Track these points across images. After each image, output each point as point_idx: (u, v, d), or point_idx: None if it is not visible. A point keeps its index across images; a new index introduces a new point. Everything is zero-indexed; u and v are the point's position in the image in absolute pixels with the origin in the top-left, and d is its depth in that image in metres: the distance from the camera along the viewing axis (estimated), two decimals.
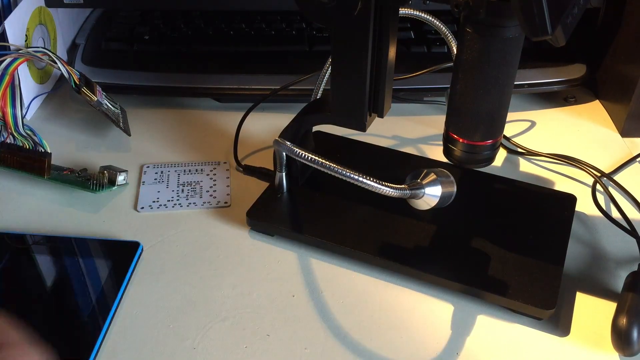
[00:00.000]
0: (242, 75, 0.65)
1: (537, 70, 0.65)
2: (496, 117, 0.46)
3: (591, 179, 0.56)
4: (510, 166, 0.58)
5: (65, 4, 0.66)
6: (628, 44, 0.62)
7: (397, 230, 0.48)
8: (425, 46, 0.68)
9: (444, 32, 0.53)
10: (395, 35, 0.45)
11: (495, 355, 0.41)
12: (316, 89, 0.55)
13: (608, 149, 0.60)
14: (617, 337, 0.41)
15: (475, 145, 0.47)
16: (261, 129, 0.62)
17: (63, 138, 0.61)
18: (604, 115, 0.65)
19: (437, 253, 0.46)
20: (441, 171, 0.45)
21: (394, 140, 0.61)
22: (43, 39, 0.66)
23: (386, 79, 0.46)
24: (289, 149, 0.45)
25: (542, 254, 0.45)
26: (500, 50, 0.42)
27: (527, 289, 0.43)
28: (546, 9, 0.33)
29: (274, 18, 0.72)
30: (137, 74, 0.66)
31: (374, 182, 0.41)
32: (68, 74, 0.55)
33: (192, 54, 0.69)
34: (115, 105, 0.61)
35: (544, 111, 0.66)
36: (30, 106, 0.63)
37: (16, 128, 0.54)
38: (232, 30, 0.71)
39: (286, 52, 0.69)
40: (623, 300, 0.42)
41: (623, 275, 0.45)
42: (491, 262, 0.45)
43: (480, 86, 0.43)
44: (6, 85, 0.53)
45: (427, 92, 0.65)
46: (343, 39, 0.44)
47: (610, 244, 0.49)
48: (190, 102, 0.67)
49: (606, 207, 0.53)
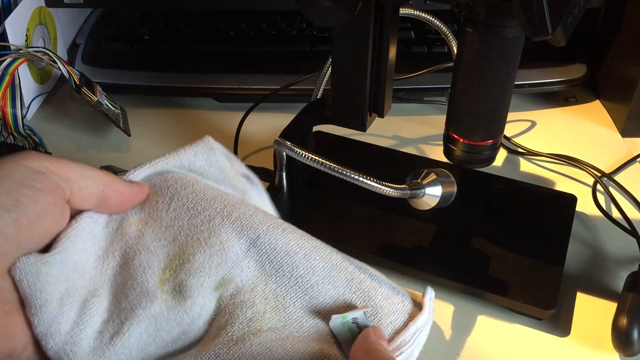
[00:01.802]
0: (243, 75, 0.65)
1: (537, 70, 0.65)
2: (496, 117, 0.46)
3: (591, 179, 0.56)
4: (510, 166, 0.58)
5: (66, 3, 0.66)
6: (628, 44, 0.62)
7: (398, 230, 0.48)
8: (426, 46, 0.68)
9: (445, 32, 0.53)
10: (396, 35, 0.45)
11: (495, 355, 0.41)
12: (316, 89, 0.55)
13: (608, 149, 0.60)
14: (618, 337, 0.41)
15: (475, 145, 0.47)
16: (261, 129, 0.62)
17: (63, 138, 0.61)
18: (605, 115, 0.65)
19: (437, 253, 0.46)
20: (441, 171, 0.45)
21: (394, 140, 0.61)
22: (43, 39, 0.66)
23: (386, 79, 0.46)
24: (289, 149, 0.45)
25: (543, 254, 0.45)
26: (501, 50, 0.42)
27: (527, 289, 0.43)
28: (546, 9, 0.33)
29: (275, 18, 0.72)
30: (137, 74, 0.66)
31: (374, 182, 0.41)
32: (68, 73, 0.55)
33: (193, 54, 0.69)
34: (116, 105, 0.61)
35: (544, 111, 0.66)
36: (30, 106, 0.63)
37: (16, 128, 0.54)
38: (232, 30, 0.71)
39: (286, 52, 0.69)
40: (623, 300, 0.42)
41: (623, 275, 0.45)
42: (491, 262, 0.45)
43: (480, 86, 0.43)
44: (6, 85, 0.53)
45: (427, 92, 0.65)
46: (343, 39, 0.44)
47: (611, 244, 0.49)
48: (190, 102, 0.67)
49: (606, 207, 0.53)
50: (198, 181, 0.38)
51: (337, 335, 0.34)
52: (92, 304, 0.33)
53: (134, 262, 0.35)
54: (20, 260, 0.31)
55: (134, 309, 0.33)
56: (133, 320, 0.33)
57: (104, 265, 0.35)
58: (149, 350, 0.34)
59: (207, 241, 0.36)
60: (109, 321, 0.33)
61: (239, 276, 0.36)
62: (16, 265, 0.30)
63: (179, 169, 0.39)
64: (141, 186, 0.37)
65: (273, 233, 0.37)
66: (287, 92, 0.61)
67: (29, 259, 0.31)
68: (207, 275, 0.35)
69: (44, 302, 0.31)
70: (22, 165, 0.31)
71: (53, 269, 0.32)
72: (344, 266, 0.37)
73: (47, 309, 0.31)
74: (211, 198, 0.37)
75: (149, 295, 0.34)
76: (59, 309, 0.32)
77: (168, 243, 0.36)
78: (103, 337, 0.33)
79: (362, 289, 0.37)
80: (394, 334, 0.35)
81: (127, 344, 0.33)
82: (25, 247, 0.31)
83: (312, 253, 0.37)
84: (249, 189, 0.41)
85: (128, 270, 0.35)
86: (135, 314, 0.33)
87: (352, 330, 0.34)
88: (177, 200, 0.37)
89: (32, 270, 0.31)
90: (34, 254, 0.31)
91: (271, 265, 0.36)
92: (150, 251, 0.36)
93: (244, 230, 0.36)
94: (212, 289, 0.35)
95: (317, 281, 0.36)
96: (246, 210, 0.37)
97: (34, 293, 0.31)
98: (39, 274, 0.31)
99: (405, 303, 0.37)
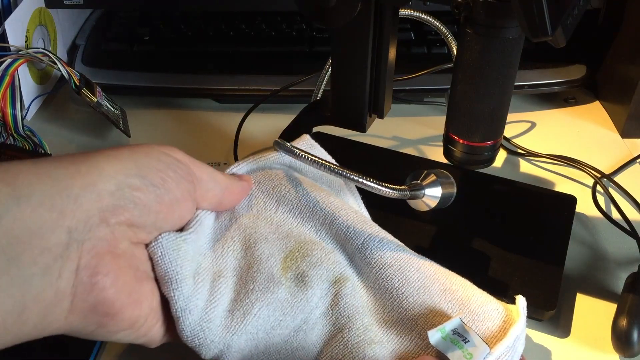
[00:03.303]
0: (242, 76, 0.65)
1: (537, 71, 0.65)
2: (496, 118, 0.46)
3: (591, 180, 0.55)
4: (510, 167, 0.58)
5: (66, 4, 0.66)
6: (628, 45, 0.62)
7: (397, 231, 0.48)
8: (426, 47, 0.68)
9: (444, 33, 0.53)
10: (396, 36, 0.45)
11: None
12: (316, 89, 0.55)
13: (608, 150, 0.60)
14: (618, 338, 0.41)
15: (475, 146, 0.47)
16: (261, 129, 0.62)
17: (63, 139, 0.61)
18: (604, 116, 0.65)
19: (437, 254, 0.46)
20: (441, 172, 0.45)
21: (394, 141, 0.61)
22: (43, 40, 0.66)
23: (386, 80, 0.46)
24: (289, 150, 0.45)
25: (543, 255, 0.45)
26: (501, 51, 0.42)
27: (527, 290, 0.43)
28: (546, 10, 0.33)
29: (274, 19, 0.72)
30: (137, 75, 0.66)
31: (374, 183, 0.41)
32: (68, 74, 0.55)
33: (192, 55, 0.69)
34: (115, 106, 0.61)
35: (544, 112, 0.66)
36: (30, 107, 0.63)
37: (16, 129, 0.54)
38: (232, 31, 0.71)
39: (286, 53, 0.69)
40: (623, 301, 0.42)
41: (623, 276, 0.45)
42: (491, 263, 0.45)
43: (480, 87, 0.43)
44: (6, 86, 0.53)
45: (427, 93, 0.65)
46: (343, 40, 0.44)
47: (611, 245, 0.49)
48: (190, 103, 0.67)
49: (606, 208, 0.53)
50: (299, 183, 0.40)
51: (442, 350, 0.34)
52: (220, 284, 0.34)
53: (257, 249, 0.36)
54: (162, 236, 0.32)
55: (263, 291, 0.34)
56: (263, 302, 0.34)
57: (224, 249, 0.36)
58: (274, 334, 0.35)
59: (319, 245, 0.38)
60: (237, 300, 0.34)
61: (352, 277, 0.37)
62: (158, 241, 0.32)
63: (280, 165, 0.41)
64: (248, 182, 0.39)
65: (369, 247, 0.38)
66: (287, 93, 0.61)
67: (170, 236, 0.32)
68: (325, 269, 0.36)
69: (184, 278, 0.32)
70: (165, 153, 0.33)
71: (189, 247, 0.33)
72: (437, 277, 0.38)
73: (186, 285, 0.32)
74: (314, 205, 0.39)
75: (274, 280, 0.35)
76: (194, 286, 0.33)
77: (283, 237, 0.37)
78: (234, 315, 0.34)
79: (457, 298, 0.36)
80: (493, 341, 0.34)
81: (256, 324, 0.34)
82: (159, 228, 0.33)
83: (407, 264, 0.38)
84: (343, 187, 0.43)
85: (252, 255, 0.36)
86: (264, 296, 0.34)
87: (455, 341, 0.34)
88: (284, 205, 0.39)
89: (173, 246, 0.32)
90: (173, 232, 0.33)
91: (368, 278, 0.38)
92: (270, 241, 0.37)
93: (345, 243, 0.38)
94: (329, 283, 0.36)
95: (412, 293, 0.37)
96: (345, 220, 0.39)
97: (175, 268, 0.32)
98: (179, 250, 0.32)
99: (499, 310, 0.36)
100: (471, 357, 0.33)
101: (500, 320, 0.36)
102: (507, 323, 0.35)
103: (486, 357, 0.33)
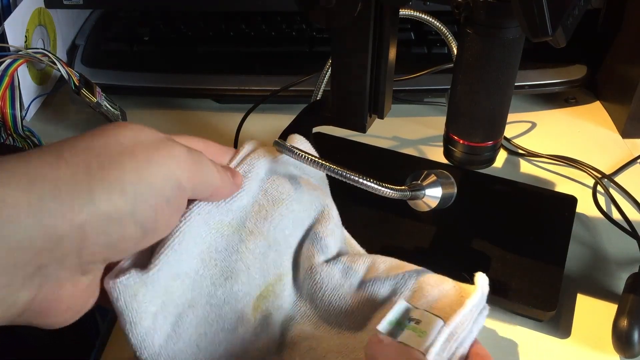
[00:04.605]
0: (242, 76, 0.65)
1: (537, 71, 0.65)
2: (496, 118, 0.45)
3: (592, 180, 0.55)
4: (510, 167, 0.58)
5: (65, 4, 0.66)
6: (628, 45, 0.62)
7: (397, 231, 0.48)
8: (426, 47, 0.68)
9: (445, 33, 0.53)
10: (396, 36, 0.45)
11: (496, 356, 0.41)
12: (316, 90, 0.55)
13: (609, 150, 0.60)
14: (618, 338, 0.41)
15: (475, 146, 0.47)
16: (261, 130, 0.62)
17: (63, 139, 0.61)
18: (605, 116, 0.65)
19: (437, 254, 0.46)
20: (441, 172, 0.45)
21: (394, 141, 0.61)
22: (43, 40, 0.66)
23: (386, 80, 0.46)
24: (289, 150, 0.45)
25: (543, 256, 0.45)
26: (501, 51, 0.41)
27: (527, 291, 0.43)
28: (546, 10, 0.33)
29: (274, 19, 0.72)
30: (137, 75, 0.66)
31: (374, 184, 0.41)
32: (68, 75, 0.55)
33: (192, 55, 0.69)
34: (115, 106, 0.61)
35: (544, 112, 0.66)
36: (29, 107, 0.63)
37: (15, 129, 0.54)
38: (232, 31, 0.71)
39: (286, 53, 0.69)
40: (624, 301, 0.42)
41: (624, 276, 0.45)
42: (492, 263, 0.45)
43: (480, 87, 0.43)
44: (6, 86, 0.53)
45: (427, 93, 0.65)
46: (343, 40, 0.44)
47: (611, 246, 0.49)
48: (190, 103, 0.67)
49: (607, 209, 0.53)
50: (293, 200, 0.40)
51: (393, 336, 0.33)
52: (188, 317, 0.34)
53: (237, 282, 0.36)
54: (120, 280, 0.31)
55: (232, 332, 0.35)
56: (229, 342, 0.35)
57: (205, 272, 0.35)
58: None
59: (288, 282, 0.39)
60: (206, 335, 0.34)
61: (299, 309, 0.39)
62: (116, 283, 0.31)
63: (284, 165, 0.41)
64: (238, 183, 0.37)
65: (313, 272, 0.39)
66: (287, 93, 0.61)
67: (129, 280, 0.31)
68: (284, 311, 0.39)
69: (140, 320, 0.31)
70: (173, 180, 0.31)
71: (150, 288, 0.32)
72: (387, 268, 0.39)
73: (142, 325, 0.32)
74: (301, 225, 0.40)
75: (243, 322, 0.36)
76: (154, 323, 0.32)
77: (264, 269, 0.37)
78: (200, 350, 0.34)
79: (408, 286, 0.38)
80: (450, 313, 0.34)
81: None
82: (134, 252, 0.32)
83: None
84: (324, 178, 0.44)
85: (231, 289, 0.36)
86: (231, 337, 0.35)
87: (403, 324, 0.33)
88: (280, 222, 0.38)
89: (130, 292, 0.31)
90: (135, 273, 0.31)
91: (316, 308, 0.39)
92: (251, 273, 0.36)
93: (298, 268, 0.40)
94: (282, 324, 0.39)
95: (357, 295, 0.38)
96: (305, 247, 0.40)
97: (130, 312, 0.31)
98: (136, 295, 0.31)
99: (456, 288, 0.37)
100: (424, 333, 0.32)
101: (457, 296, 0.36)
102: (463, 298, 0.36)
103: (441, 329, 0.33)
